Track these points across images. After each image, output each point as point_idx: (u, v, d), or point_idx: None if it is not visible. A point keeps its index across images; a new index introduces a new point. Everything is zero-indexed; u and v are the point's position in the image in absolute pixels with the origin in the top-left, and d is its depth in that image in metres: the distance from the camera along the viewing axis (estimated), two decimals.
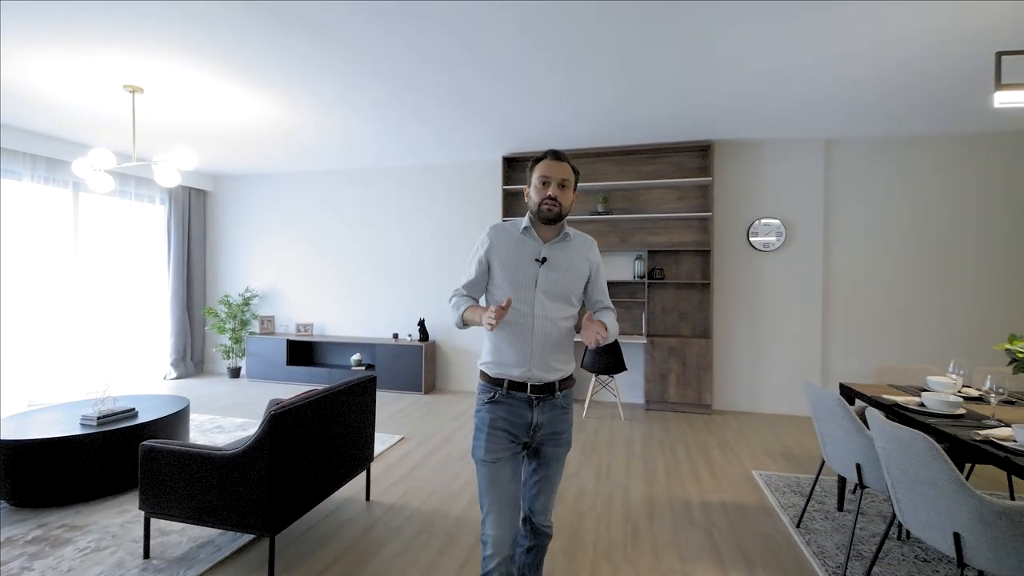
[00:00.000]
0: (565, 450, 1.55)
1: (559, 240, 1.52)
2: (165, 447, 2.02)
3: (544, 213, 1.47)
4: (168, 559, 2.07)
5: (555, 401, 1.50)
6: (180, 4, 2.34)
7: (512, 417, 1.48)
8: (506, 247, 1.52)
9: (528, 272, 1.48)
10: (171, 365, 5.80)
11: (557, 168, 1.47)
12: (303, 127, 4.19)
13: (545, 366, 1.47)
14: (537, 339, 1.46)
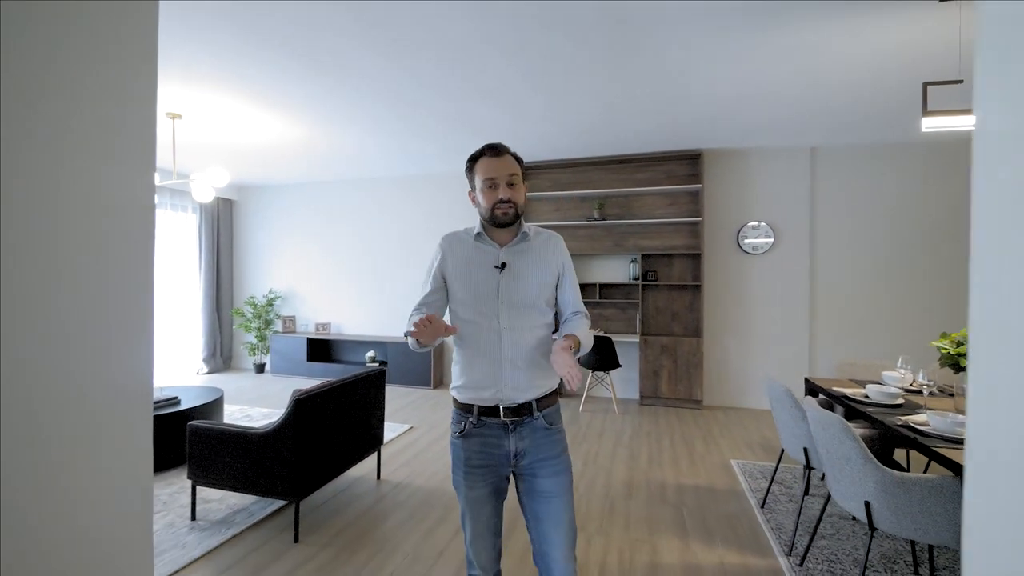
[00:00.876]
0: (566, 479, 1.32)
1: (518, 242, 1.36)
2: (208, 426, 2.41)
3: (499, 218, 1.31)
4: (211, 521, 2.46)
5: (535, 423, 1.32)
6: (221, 45, 2.73)
7: (488, 448, 1.33)
8: (460, 258, 1.38)
9: (488, 282, 1.33)
10: (203, 361, 6.29)
11: (501, 165, 1.30)
12: (318, 143, 4.59)
13: (518, 385, 1.30)
14: (506, 355, 1.30)
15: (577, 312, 1.41)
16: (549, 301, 1.38)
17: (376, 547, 2.28)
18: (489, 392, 1.31)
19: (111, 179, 0.62)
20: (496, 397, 1.30)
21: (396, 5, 2.29)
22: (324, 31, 2.53)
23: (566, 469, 1.33)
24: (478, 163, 1.33)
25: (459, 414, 1.36)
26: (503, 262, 1.33)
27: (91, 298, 0.59)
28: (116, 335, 0.63)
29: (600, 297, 5.09)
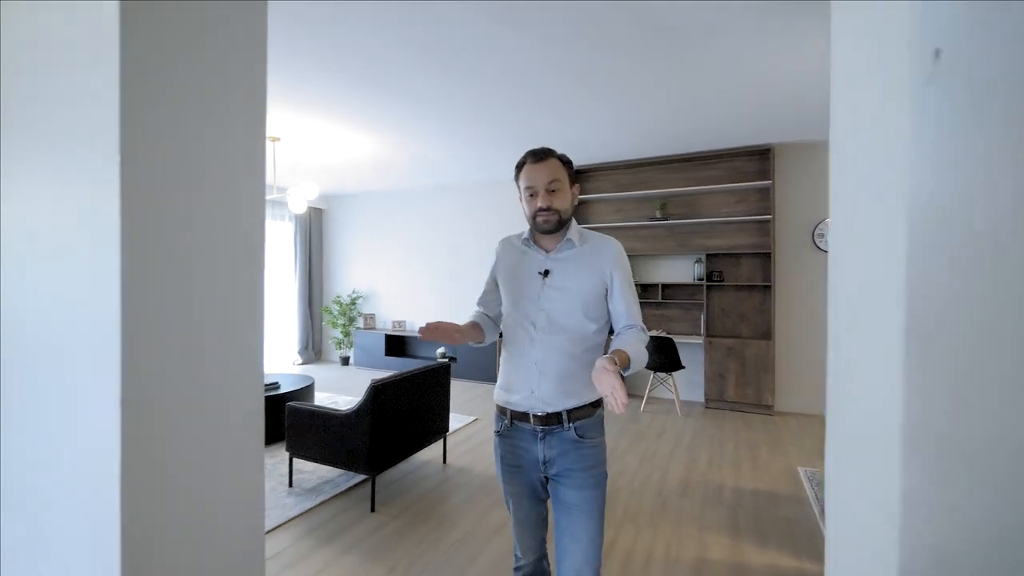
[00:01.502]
0: (590, 495, 1.27)
1: (563, 248, 1.33)
2: (302, 407, 2.82)
3: (541, 226, 1.30)
4: (304, 489, 2.87)
5: (564, 434, 1.28)
6: (312, 79, 3.16)
7: (519, 452, 1.34)
8: (509, 262, 1.40)
9: (531, 288, 1.32)
10: (298, 353, 7.07)
11: (541, 172, 1.28)
12: (397, 156, 5.02)
13: (545, 395, 1.27)
14: (542, 363, 1.28)
15: (631, 326, 1.30)
16: (593, 312, 1.30)
17: (439, 521, 2.54)
18: (519, 397, 1.30)
19: (235, 195, 0.85)
20: (526, 403, 1.29)
21: (465, 38, 2.53)
22: (402, 64, 2.85)
23: (594, 485, 1.27)
24: (521, 171, 1.32)
25: (497, 415, 1.38)
26: (546, 269, 1.31)
27: (220, 295, 0.82)
28: (237, 327, 0.84)
29: (663, 298, 5.06)
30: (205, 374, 0.77)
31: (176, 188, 0.72)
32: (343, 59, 2.83)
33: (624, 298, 1.31)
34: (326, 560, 2.19)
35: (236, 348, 0.82)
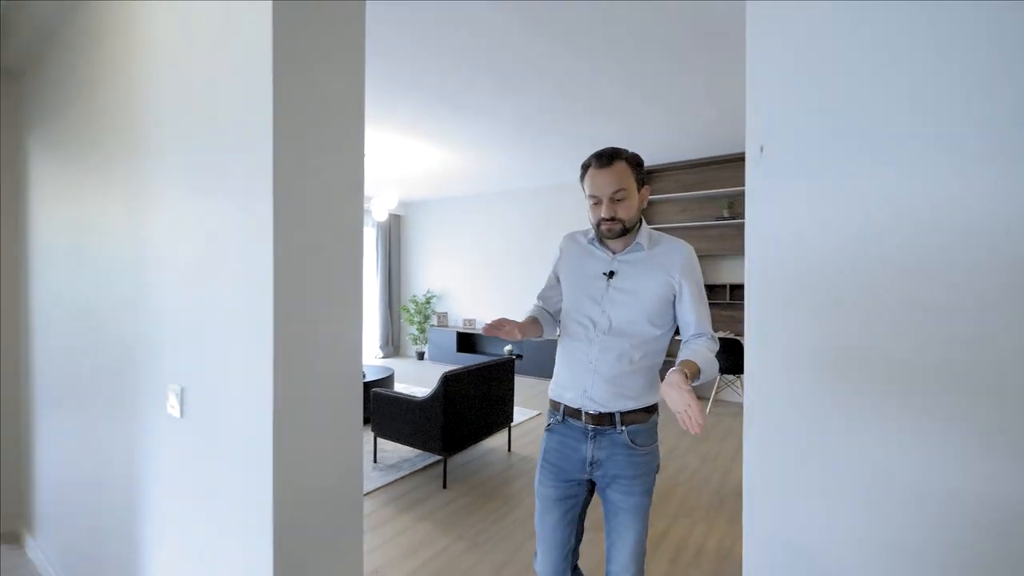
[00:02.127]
0: (638, 501, 1.25)
1: (631, 251, 1.29)
2: (385, 393, 3.20)
3: (605, 235, 1.27)
4: (386, 465, 3.25)
5: (616, 436, 1.25)
6: (392, 100, 3.55)
7: (565, 449, 1.31)
8: (573, 259, 1.38)
9: (594, 288, 1.30)
10: (379, 347, 7.72)
11: (605, 179, 1.22)
12: (467, 164, 5.38)
13: (598, 396, 1.25)
14: (597, 363, 1.26)
15: (700, 334, 1.25)
16: (658, 317, 1.26)
17: (503, 501, 2.79)
18: (572, 394, 1.29)
19: (340, 218, 1.12)
20: (578, 401, 1.28)
21: (523, 56, 2.76)
22: (468, 83, 3.14)
23: (641, 492, 1.26)
24: (586, 175, 1.28)
25: (551, 409, 1.37)
26: (611, 270, 1.28)
27: (330, 299, 1.11)
28: (341, 322, 1.11)
29: (731, 298, 4.96)
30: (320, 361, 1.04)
31: (304, 219, 1.00)
32: (418, 82, 3.17)
33: (694, 306, 1.25)
34: (404, 525, 2.51)
35: (343, 338, 1.10)
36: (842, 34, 0.41)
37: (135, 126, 1.42)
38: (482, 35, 2.56)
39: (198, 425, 1.16)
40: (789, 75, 0.42)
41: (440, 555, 2.24)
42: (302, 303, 0.99)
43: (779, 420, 0.53)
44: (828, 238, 0.44)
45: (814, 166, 0.41)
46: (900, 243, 0.40)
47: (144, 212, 1.38)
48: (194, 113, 1.16)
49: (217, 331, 1.09)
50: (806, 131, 0.41)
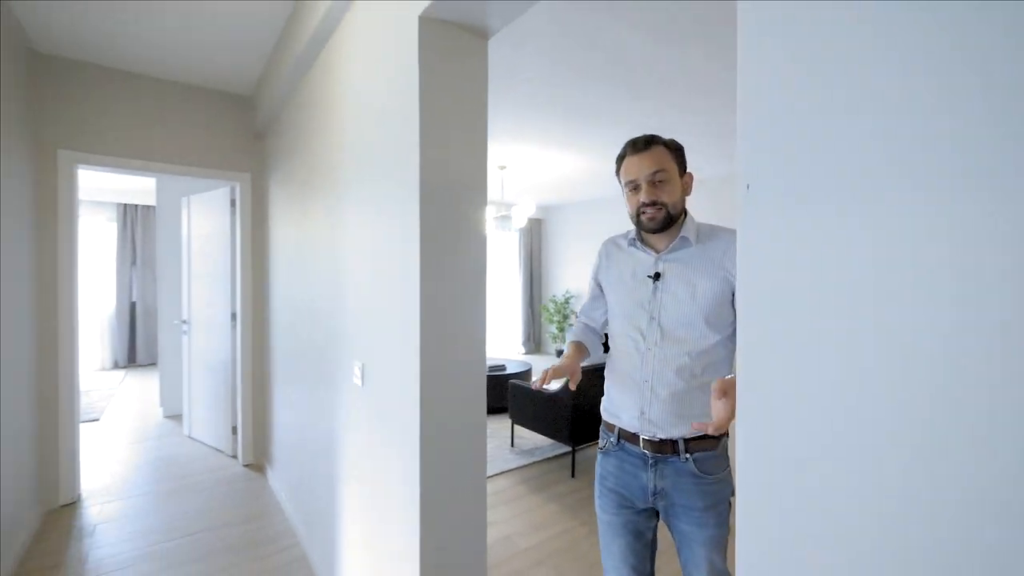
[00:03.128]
0: (713, 534, 1.10)
1: (676, 247, 1.14)
2: (521, 384, 3.53)
3: (646, 225, 1.13)
4: (521, 450, 3.58)
5: (680, 465, 1.10)
6: (526, 115, 3.88)
7: (622, 475, 1.17)
8: (615, 265, 1.25)
9: (639, 294, 1.16)
10: (522, 344, 8.25)
11: (643, 162, 1.11)
12: (600, 169, 5.48)
13: (657, 418, 1.11)
14: (653, 381, 1.11)
15: None
16: (717, 320, 1.09)
17: None
18: (627, 417, 1.15)
19: (470, 229, 1.40)
20: (636, 425, 1.14)
21: (645, 61, 2.81)
22: (596, 93, 3.29)
23: (716, 524, 1.10)
24: (622, 164, 1.17)
25: (603, 430, 1.25)
26: (656, 272, 1.14)
27: (462, 298, 1.39)
28: (471, 320, 1.40)
29: None
30: (453, 349, 1.33)
31: (442, 240, 1.29)
32: (553, 96, 3.42)
33: None
34: (534, 504, 2.77)
35: (471, 335, 1.36)
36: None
37: (331, 169, 1.92)
38: (610, 50, 2.69)
39: (372, 392, 1.56)
40: (777, 115, 0.52)
41: (563, 535, 2.44)
42: (440, 305, 1.29)
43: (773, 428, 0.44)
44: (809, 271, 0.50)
45: (794, 205, 0.50)
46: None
47: (337, 234, 1.87)
48: (366, 161, 1.56)
49: (384, 322, 1.46)
50: (790, 171, 0.50)
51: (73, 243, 2.77)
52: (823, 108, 0.45)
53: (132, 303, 7.05)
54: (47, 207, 2.67)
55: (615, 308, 1.25)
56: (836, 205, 0.45)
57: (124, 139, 2.88)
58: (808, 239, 0.47)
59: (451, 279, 1.31)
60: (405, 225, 1.30)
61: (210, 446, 3.65)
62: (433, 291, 1.27)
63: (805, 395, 0.48)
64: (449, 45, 1.25)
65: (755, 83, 0.52)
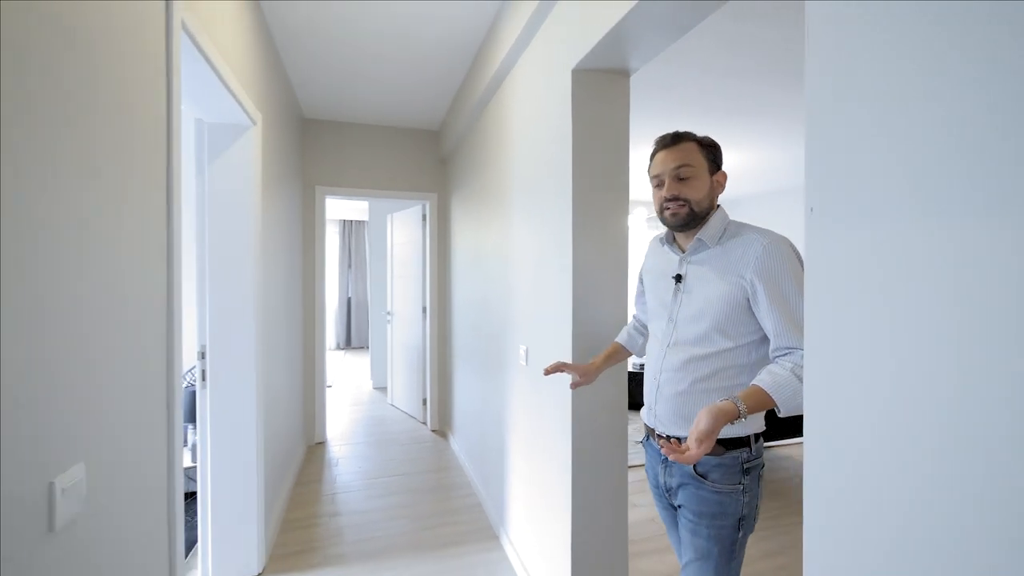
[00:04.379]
0: (703, 546, 1.06)
1: (695, 249, 1.12)
2: None
3: (668, 221, 1.12)
4: None
5: (685, 467, 1.09)
6: (683, 111, 3.92)
7: (650, 469, 1.23)
8: (652, 263, 1.28)
9: (665, 294, 1.17)
10: None
11: (668, 157, 1.09)
12: (757, 164, 5.10)
13: (666, 414, 1.12)
14: (661, 379, 1.13)
15: (787, 349, 0.99)
16: (732, 327, 1.05)
17: (784, 503, 2.75)
18: (647, 411, 1.20)
19: (615, 232, 1.66)
20: (650, 419, 1.18)
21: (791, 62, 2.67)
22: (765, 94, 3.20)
23: (708, 536, 1.05)
24: (651, 162, 1.15)
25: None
26: (679, 273, 1.14)
27: (604, 290, 1.66)
28: (612, 311, 1.67)
29: None
30: (599, 336, 1.61)
31: (590, 243, 1.58)
32: (704, 97, 3.42)
33: (775, 310, 0.99)
34: None
35: (612, 322, 1.63)
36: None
37: (501, 189, 2.36)
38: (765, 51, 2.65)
39: (532, 370, 1.93)
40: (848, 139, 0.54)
41: None
42: (587, 297, 1.58)
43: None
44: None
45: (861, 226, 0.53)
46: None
47: (506, 242, 2.29)
48: (529, 182, 1.93)
49: (543, 312, 1.81)
50: (856, 195, 0.53)
51: (322, 251, 3.80)
52: (879, 143, 0.53)
53: (348, 298, 8.91)
54: (308, 225, 3.73)
55: (649, 305, 1.27)
56: (891, 224, 0.52)
57: (353, 174, 3.83)
58: (866, 255, 0.54)
59: (596, 277, 1.59)
60: (560, 231, 1.62)
61: (406, 413, 4.55)
62: (582, 290, 1.57)
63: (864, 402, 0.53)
64: (596, 87, 1.54)
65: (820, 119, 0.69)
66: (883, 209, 0.53)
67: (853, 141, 0.56)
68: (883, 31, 0.53)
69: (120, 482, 0.92)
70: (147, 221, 1.04)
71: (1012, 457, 0.40)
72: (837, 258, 0.57)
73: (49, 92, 0.72)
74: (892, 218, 0.51)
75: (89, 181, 0.83)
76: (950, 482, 0.45)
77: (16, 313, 0.65)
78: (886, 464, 0.50)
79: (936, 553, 0.46)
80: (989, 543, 0.42)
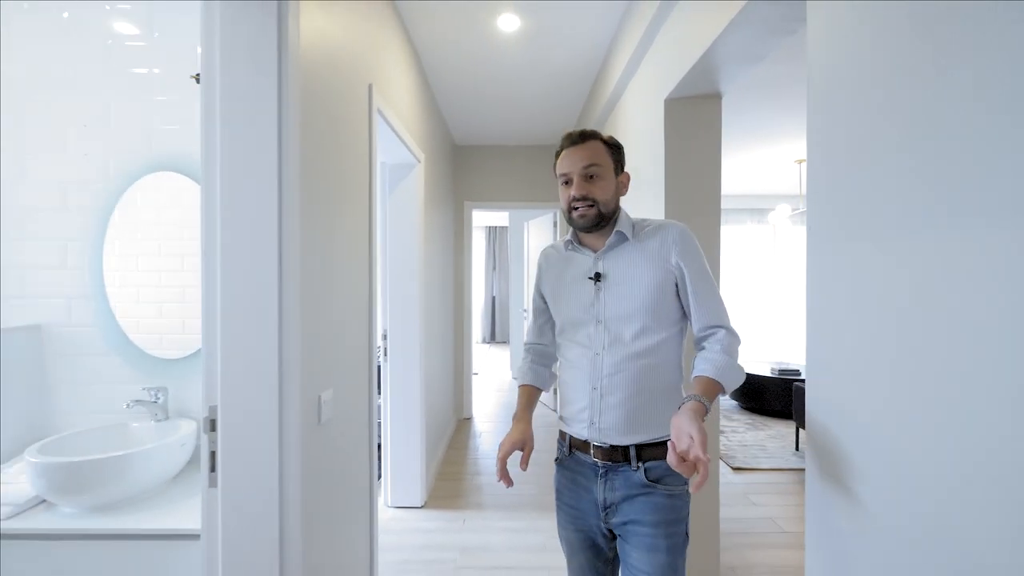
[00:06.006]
0: (663, 561, 1.00)
1: (614, 244, 1.08)
2: (803, 388, 3.41)
3: (577, 222, 1.07)
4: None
5: (632, 475, 1.03)
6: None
7: (577, 489, 1.11)
8: (555, 272, 1.18)
9: (583, 297, 1.10)
10: None
11: (576, 155, 1.06)
12: None
13: (610, 424, 1.04)
14: (600, 384, 1.05)
15: (712, 328, 1.03)
16: (666, 316, 1.05)
17: None
18: (579, 426, 1.09)
19: (707, 228, 1.82)
20: (586, 432, 1.07)
21: None
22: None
23: (668, 548, 1.00)
24: (557, 161, 1.11)
25: (558, 439, 1.19)
26: (596, 272, 1.09)
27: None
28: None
29: None
30: None
31: None
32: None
33: (701, 290, 1.03)
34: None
35: None
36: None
37: None
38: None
39: None
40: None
41: None
42: None
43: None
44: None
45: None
46: None
47: None
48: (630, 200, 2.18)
49: None
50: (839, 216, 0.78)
51: (469, 256, 4.47)
52: (865, 176, 0.76)
53: (492, 297, 9.83)
54: (458, 234, 4.42)
55: (560, 317, 1.16)
56: (872, 242, 0.71)
57: (495, 189, 4.42)
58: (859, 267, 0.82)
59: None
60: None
61: (540, 401, 5.02)
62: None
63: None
64: (688, 112, 1.74)
65: (820, 152, 0.89)
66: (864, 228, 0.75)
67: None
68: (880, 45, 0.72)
69: (346, 403, 1.49)
70: (360, 238, 1.61)
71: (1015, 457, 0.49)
72: (828, 268, 0.80)
73: (329, 156, 1.28)
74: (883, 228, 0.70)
75: (347, 215, 1.39)
76: (959, 481, 0.54)
77: (317, 300, 1.21)
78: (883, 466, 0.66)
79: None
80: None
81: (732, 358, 0.99)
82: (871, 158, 0.73)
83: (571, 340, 1.12)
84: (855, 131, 0.78)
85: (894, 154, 0.67)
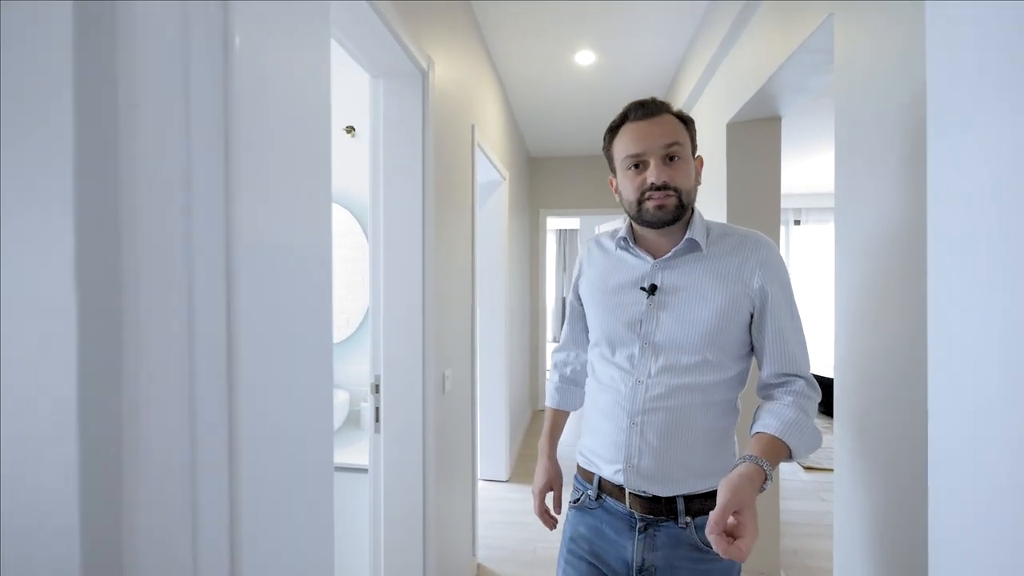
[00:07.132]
0: None
1: (683, 251, 0.88)
2: None
3: (653, 215, 0.85)
4: None
5: (678, 532, 0.84)
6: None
7: (600, 540, 0.90)
8: (598, 272, 0.97)
9: (628, 310, 0.89)
10: None
11: (653, 130, 0.84)
12: None
13: (647, 469, 0.84)
14: (645, 422, 0.84)
15: (787, 377, 0.83)
16: (733, 345, 0.86)
17: None
18: (611, 467, 0.88)
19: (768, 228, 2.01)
20: (620, 476, 0.87)
21: None
22: None
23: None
24: (619, 133, 0.90)
25: (577, 477, 0.98)
26: (652, 283, 0.88)
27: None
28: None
29: None
30: None
31: None
32: None
33: (779, 329, 0.83)
34: None
35: None
36: None
37: None
38: None
39: None
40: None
41: None
42: None
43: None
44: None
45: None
46: None
47: None
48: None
49: None
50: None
51: (543, 261, 4.81)
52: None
53: (563, 297, 10.12)
54: (533, 240, 4.78)
55: (596, 329, 0.96)
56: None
57: (566, 196, 4.73)
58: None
59: None
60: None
61: None
62: None
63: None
64: (749, 134, 1.96)
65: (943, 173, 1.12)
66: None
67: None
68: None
69: (458, 381, 1.89)
70: (465, 249, 2.01)
71: None
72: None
73: (446, 186, 1.68)
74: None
75: (457, 230, 1.79)
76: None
77: (440, 298, 1.61)
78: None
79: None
80: None
81: (809, 417, 0.78)
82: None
83: (606, 359, 0.93)
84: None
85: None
